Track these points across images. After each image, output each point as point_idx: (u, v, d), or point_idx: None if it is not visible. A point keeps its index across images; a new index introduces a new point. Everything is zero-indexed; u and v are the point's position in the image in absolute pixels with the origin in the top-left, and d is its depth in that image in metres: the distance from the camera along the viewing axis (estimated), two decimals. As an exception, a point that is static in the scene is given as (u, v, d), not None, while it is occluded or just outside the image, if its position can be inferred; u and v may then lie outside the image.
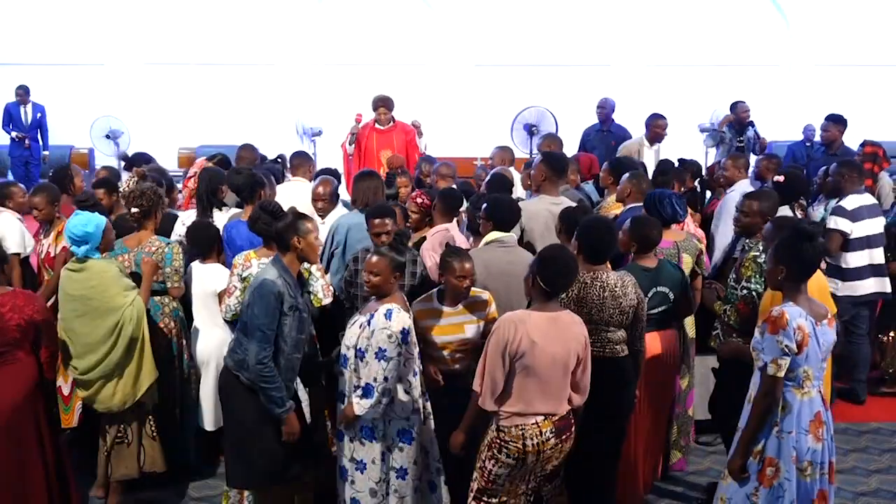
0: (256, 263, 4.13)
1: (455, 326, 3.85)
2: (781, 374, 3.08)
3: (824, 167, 5.99)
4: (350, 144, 7.59)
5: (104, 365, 4.02)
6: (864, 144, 6.67)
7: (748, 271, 3.95)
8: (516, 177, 6.34)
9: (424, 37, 12.37)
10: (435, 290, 3.92)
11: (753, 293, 3.89)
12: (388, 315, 3.51)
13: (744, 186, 5.54)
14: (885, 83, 12.25)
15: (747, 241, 4.25)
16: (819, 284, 3.80)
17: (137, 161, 6.36)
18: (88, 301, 3.99)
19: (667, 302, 4.05)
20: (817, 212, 5.80)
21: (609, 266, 3.80)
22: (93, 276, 3.99)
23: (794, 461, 3.16)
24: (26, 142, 10.71)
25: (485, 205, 4.31)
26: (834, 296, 5.27)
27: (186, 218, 5.06)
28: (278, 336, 3.52)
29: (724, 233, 5.18)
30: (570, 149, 8.04)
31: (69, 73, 12.04)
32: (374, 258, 3.59)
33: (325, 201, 5.17)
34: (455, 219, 4.86)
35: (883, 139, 10.51)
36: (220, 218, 5.00)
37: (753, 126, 8.24)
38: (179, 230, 4.98)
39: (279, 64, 12.30)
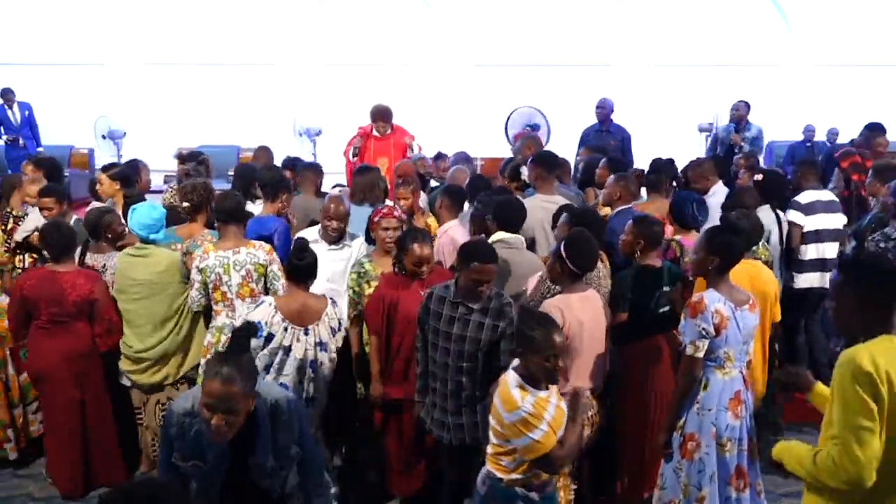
0: (213, 256, 4.18)
1: (560, 413, 2.96)
2: (700, 354, 3.32)
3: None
4: (353, 156, 7.62)
5: (162, 346, 4.34)
6: (841, 159, 6.70)
7: None
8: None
9: (424, 37, 12.37)
10: (515, 373, 2.95)
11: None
12: (259, 304, 3.79)
13: (719, 190, 5.56)
14: (885, 83, 12.24)
15: None
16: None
17: (191, 159, 6.46)
18: (153, 285, 4.29)
19: (672, 303, 4.05)
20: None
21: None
22: (158, 262, 4.30)
23: (713, 436, 3.37)
24: (21, 142, 10.75)
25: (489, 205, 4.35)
26: (793, 289, 5.32)
27: None
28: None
29: None
30: (571, 149, 8.04)
31: (69, 73, 12.04)
32: None
33: (341, 221, 4.52)
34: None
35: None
36: (255, 209, 5.25)
37: (750, 126, 8.24)
38: None
39: (279, 64, 12.30)
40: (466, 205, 5.27)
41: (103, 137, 9.90)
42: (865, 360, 2.29)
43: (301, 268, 3.76)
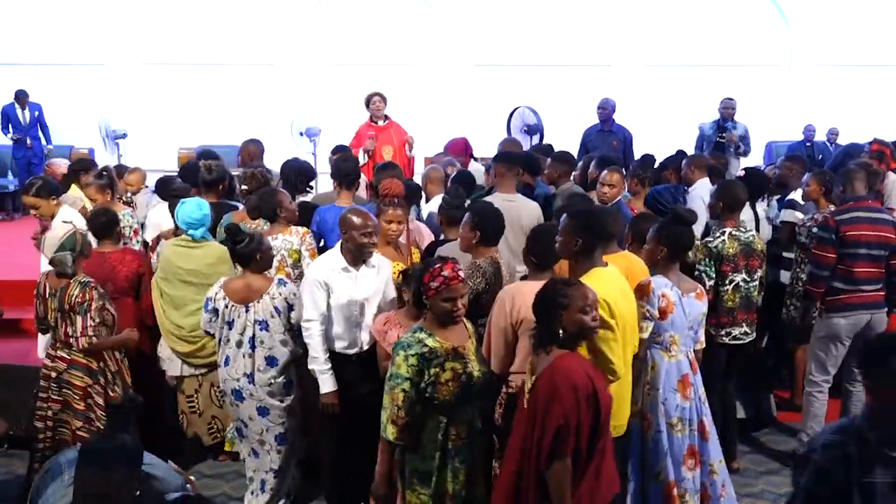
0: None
1: None
2: (644, 335, 3.52)
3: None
4: (366, 158, 7.64)
5: None
6: (871, 142, 6.67)
7: (700, 254, 4.40)
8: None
9: (424, 37, 12.37)
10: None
11: (703, 275, 4.34)
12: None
13: (702, 185, 5.60)
14: (885, 83, 12.25)
15: (713, 227, 4.67)
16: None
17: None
18: (200, 274, 4.49)
19: None
20: (770, 208, 5.78)
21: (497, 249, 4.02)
22: (208, 254, 4.54)
23: (663, 415, 3.60)
24: (28, 141, 10.78)
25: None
26: (780, 284, 5.33)
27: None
28: None
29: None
30: (572, 149, 8.05)
31: (69, 73, 12.04)
32: None
33: (376, 236, 3.95)
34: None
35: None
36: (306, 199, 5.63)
37: (732, 122, 8.28)
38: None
39: (279, 64, 12.30)
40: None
41: (104, 138, 9.91)
42: (598, 291, 2.98)
43: (238, 252, 3.96)
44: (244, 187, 5.18)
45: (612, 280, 3.29)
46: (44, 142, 11.12)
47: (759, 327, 4.71)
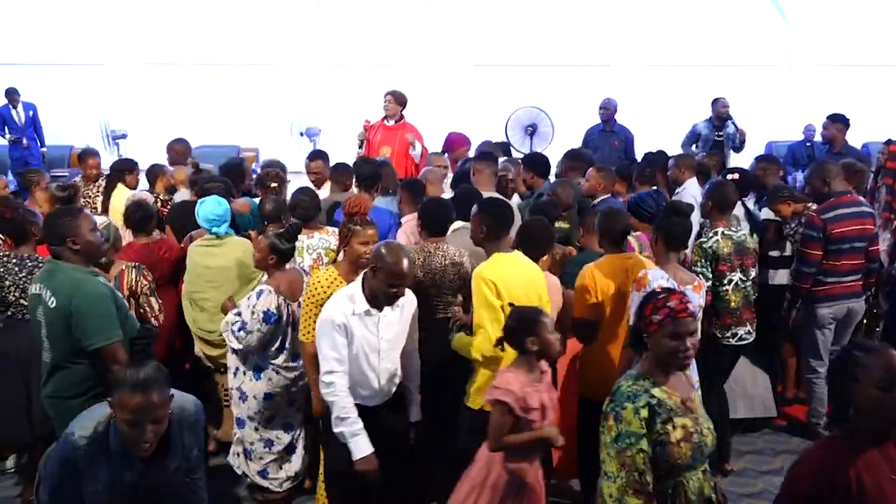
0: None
1: None
2: None
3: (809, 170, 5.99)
4: (359, 149, 7.61)
5: None
6: (888, 143, 6.66)
7: (696, 256, 4.40)
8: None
9: (424, 37, 12.38)
10: None
11: (699, 276, 4.22)
12: (259, 295, 3.89)
13: (691, 185, 5.60)
14: (885, 83, 12.25)
15: (706, 228, 4.63)
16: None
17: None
18: (228, 272, 4.51)
19: None
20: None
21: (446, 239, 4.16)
22: (234, 250, 4.56)
23: None
24: (24, 141, 10.75)
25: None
26: (774, 286, 5.30)
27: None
28: None
29: None
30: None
31: (69, 73, 12.04)
32: (260, 238, 4.14)
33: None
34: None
35: (884, 140, 10.53)
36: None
37: (732, 121, 8.29)
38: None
39: (279, 64, 12.30)
40: None
41: (105, 138, 9.92)
42: (487, 272, 3.49)
43: (290, 251, 4.08)
44: (273, 185, 5.36)
45: (510, 265, 3.59)
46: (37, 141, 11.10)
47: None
